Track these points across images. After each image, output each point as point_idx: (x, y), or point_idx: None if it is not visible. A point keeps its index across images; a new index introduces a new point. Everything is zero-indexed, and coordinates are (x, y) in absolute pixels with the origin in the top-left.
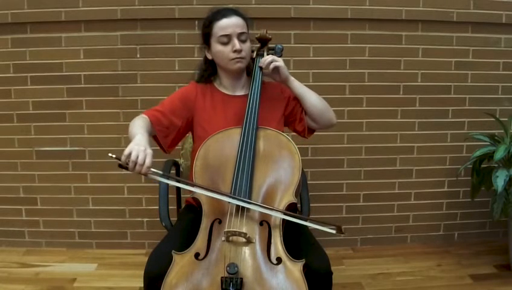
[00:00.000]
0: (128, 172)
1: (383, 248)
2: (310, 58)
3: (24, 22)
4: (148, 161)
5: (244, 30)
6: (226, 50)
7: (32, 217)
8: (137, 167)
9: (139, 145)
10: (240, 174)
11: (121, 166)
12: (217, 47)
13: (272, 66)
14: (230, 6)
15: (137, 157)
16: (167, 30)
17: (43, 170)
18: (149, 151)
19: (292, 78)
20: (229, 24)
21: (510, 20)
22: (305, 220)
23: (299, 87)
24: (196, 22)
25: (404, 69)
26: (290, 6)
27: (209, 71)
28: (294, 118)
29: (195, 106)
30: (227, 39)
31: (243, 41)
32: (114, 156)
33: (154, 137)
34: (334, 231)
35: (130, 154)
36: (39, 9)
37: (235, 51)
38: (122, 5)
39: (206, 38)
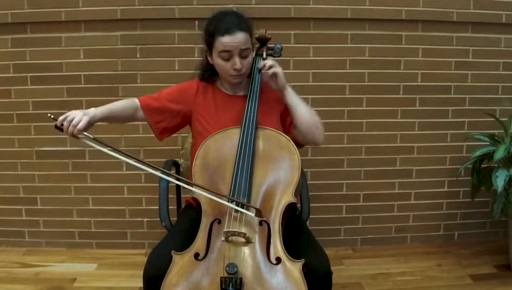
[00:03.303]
0: (65, 135)
1: (383, 248)
2: (310, 58)
3: (24, 22)
4: (81, 124)
5: (248, 45)
6: (226, 66)
7: (32, 217)
8: (70, 128)
9: (80, 111)
10: (239, 174)
11: (56, 127)
12: (217, 60)
13: (271, 71)
14: (233, 8)
15: (73, 118)
16: (167, 30)
17: (43, 170)
18: (85, 118)
19: (289, 89)
20: (231, 42)
21: (510, 20)
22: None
23: (294, 99)
24: (196, 22)
25: (404, 69)
26: (290, 6)
27: (209, 72)
28: (283, 127)
29: (194, 102)
30: (228, 55)
31: (244, 57)
32: (53, 116)
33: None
34: (253, 214)
35: (68, 115)
36: (39, 9)
37: (235, 69)
38: (122, 5)
39: (208, 44)
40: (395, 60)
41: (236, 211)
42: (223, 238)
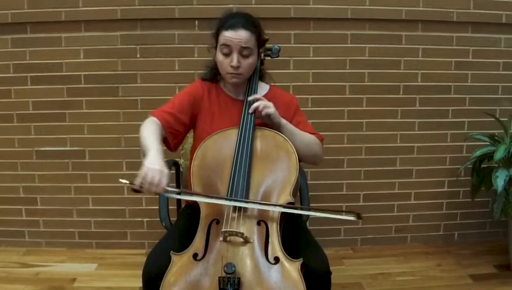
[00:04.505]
0: (144, 194)
1: (383, 248)
2: (310, 58)
3: (24, 22)
4: (164, 182)
5: (249, 45)
6: (225, 62)
7: (32, 217)
8: (153, 189)
9: (154, 165)
10: (237, 174)
11: (134, 190)
12: (218, 55)
13: (264, 113)
14: (238, 10)
15: (153, 178)
16: (167, 30)
17: (43, 170)
18: (166, 172)
19: (283, 124)
20: (233, 37)
21: (510, 20)
22: (308, 209)
23: (288, 134)
24: (196, 22)
25: (404, 69)
26: (290, 6)
27: (215, 70)
28: None
29: (201, 105)
30: (227, 50)
31: (244, 56)
32: (127, 182)
33: (164, 138)
34: (353, 218)
35: (145, 176)
36: (39, 9)
37: (231, 66)
38: (122, 5)
39: (215, 40)
40: (395, 60)
41: (235, 211)
42: (221, 238)
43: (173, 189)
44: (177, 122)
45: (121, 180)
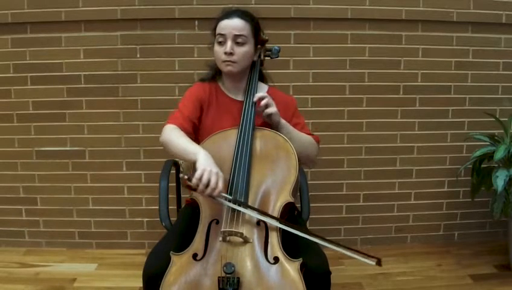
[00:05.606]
0: (197, 192)
1: (383, 248)
2: (310, 58)
3: (24, 22)
4: (220, 184)
5: (243, 33)
6: (220, 51)
7: (32, 217)
8: (208, 190)
9: (210, 167)
10: (237, 175)
11: (189, 187)
12: (215, 46)
13: (266, 112)
14: (236, 7)
15: (209, 180)
16: (167, 30)
17: (43, 170)
18: (221, 174)
19: (282, 124)
20: (227, 25)
21: (510, 20)
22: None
23: (285, 134)
24: (196, 22)
25: (404, 69)
26: (290, 6)
27: (216, 68)
28: None
29: (203, 107)
30: (222, 39)
31: (238, 44)
32: (186, 177)
33: None
34: (373, 263)
35: (202, 178)
36: (39, 9)
37: (225, 53)
38: (122, 5)
39: (214, 36)
40: (395, 60)
41: (234, 211)
42: (220, 239)
43: (226, 195)
44: (193, 127)
45: (181, 175)
